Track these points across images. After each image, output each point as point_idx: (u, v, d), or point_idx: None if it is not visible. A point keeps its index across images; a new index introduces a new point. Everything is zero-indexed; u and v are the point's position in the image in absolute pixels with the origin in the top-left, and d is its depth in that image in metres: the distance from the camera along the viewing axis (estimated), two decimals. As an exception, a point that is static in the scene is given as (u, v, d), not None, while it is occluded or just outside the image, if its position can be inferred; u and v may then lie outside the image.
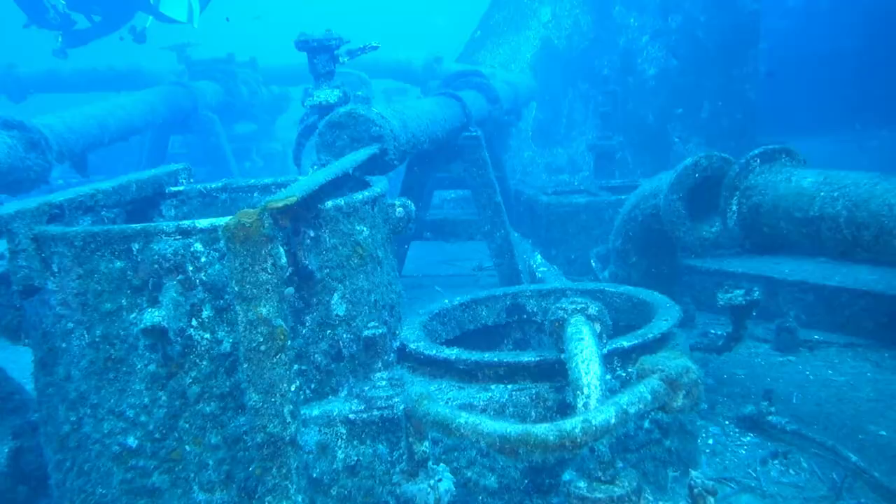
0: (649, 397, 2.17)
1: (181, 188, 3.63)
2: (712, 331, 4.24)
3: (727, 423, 3.50)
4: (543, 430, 2.03)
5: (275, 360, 2.36)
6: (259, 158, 12.57)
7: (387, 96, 12.94)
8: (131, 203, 3.36)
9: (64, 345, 2.63)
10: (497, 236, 5.28)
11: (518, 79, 9.18)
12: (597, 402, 2.33)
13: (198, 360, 2.61)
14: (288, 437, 2.42)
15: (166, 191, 3.59)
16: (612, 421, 2.07)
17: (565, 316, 2.65)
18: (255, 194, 3.70)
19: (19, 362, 3.37)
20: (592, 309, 2.65)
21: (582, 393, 2.38)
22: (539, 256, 5.47)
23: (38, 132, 4.84)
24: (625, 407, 2.11)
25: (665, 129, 10.12)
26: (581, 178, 9.78)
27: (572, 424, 2.03)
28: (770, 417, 3.33)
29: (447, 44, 11.84)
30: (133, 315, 2.55)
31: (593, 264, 5.29)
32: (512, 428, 2.07)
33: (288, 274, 2.60)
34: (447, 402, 2.77)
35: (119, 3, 8.97)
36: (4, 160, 4.43)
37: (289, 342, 2.37)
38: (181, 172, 3.68)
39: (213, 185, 3.68)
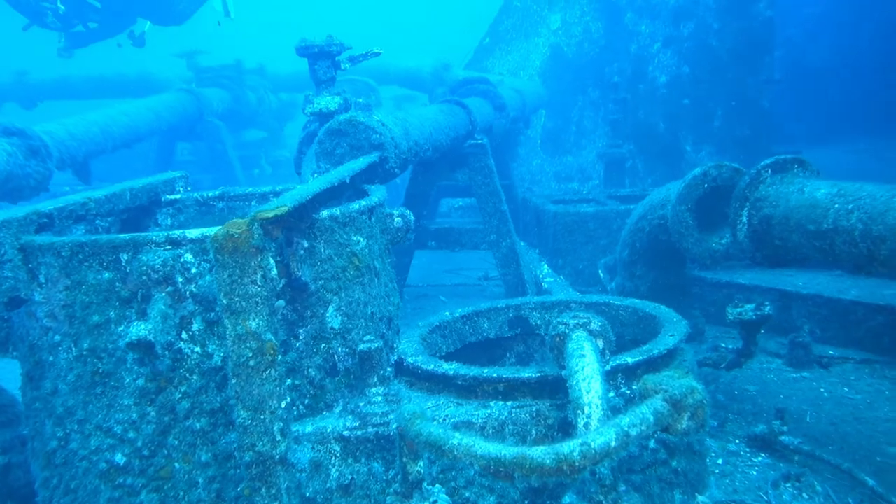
0: (652, 419, 2.07)
1: (178, 196, 3.57)
2: (723, 345, 4.12)
3: (738, 442, 3.37)
4: (540, 453, 1.93)
5: (264, 375, 2.30)
6: (268, 165, 12.56)
7: (396, 103, 12.92)
8: (126, 211, 3.31)
9: (51, 358, 2.57)
10: (503, 246, 5.18)
11: (526, 86, 9.09)
12: (598, 423, 2.23)
13: (188, 375, 2.55)
14: (278, 456, 2.35)
15: (162, 199, 3.53)
16: (613, 444, 1.97)
17: (567, 331, 2.55)
18: (253, 203, 3.63)
19: (16, 373, 3.31)
20: (595, 324, 2.55)
21: (583, 412, 2.28)
22: (546, 266, 5.37)
23: (39, 139, 4.80)
24: (626, 429, 2.01)
25: (677, 138, 10.01)
26: (591, 187, 9.68)
27: (570, 448, 1.93)
28: (782, 437, 3.20)
29: (457, 51, 11.78)
30: (121, 328, 2.49)
31: (601, 275, 5.18)
32: (507, 450, 1.97)
33: (281, 286, 2.53)
34: (444, 419, 2.68)
35: (116, 11, 9.00)
36: (3, 167, 4.40)
37: (279, 357, 2.31)
38: (178, 180, 3.62)
39: (210, 194, 3.61)
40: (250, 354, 2.27)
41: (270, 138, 12.75)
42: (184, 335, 2.52)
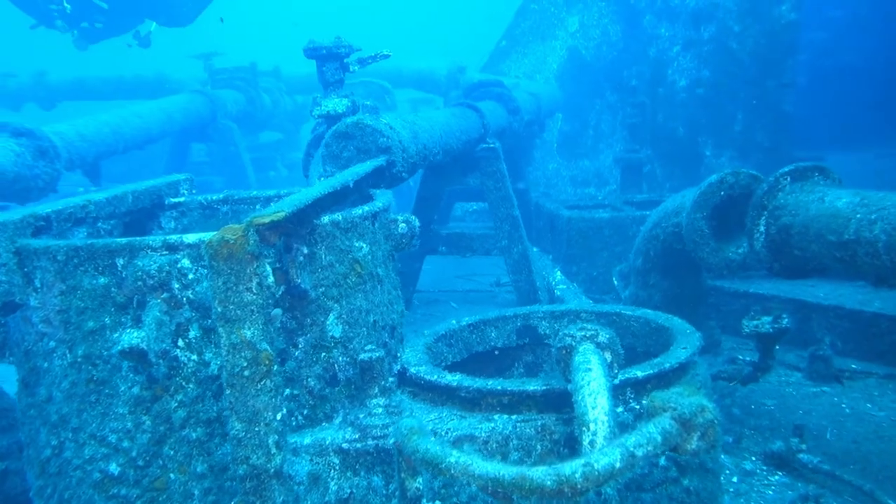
0: (659, 439, 1.97)
1: (181, 199, 3.53)
2: (740, 357, 4.00)
3: (754, 459, 3.25)
4: (540, 473, 1.84)
5: (259, 386, 2.23)
6: (283, 168, 12.55)
7: (413, 106, 12.85)
8: (128, 214, 3.27)
9: (45, 364, 2.53)
10: (514, 252, 5.09)
11: (542, 89, 8.98)
12: (604, 440, 2.13)
13: (184, 383, 2.49)
14: (273, 470, 2.29)
15: (166, 202, 3.48)
16: (617, 465, 1.87)
17: (573, 343, 2.45)
18: (258, 206, 3.58)
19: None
20: (603, 336, 2.45)
21: (588, 429, 2.18)
22: (559, 273, 5.27)
23: (48, 140, 4.80)
24: (631, 450, 1.91)
25: (696, 142, 9.83)
26: (607, 192, 9.55)
27: (572, 469, 1.84)
28: (801, 455, 3.08)
29: (473, 53, 11.70)
30: (116, 334, 2.44)
31: (616, 283, 5.07)
32: (506, 470, 1.88)
33: (280, 293, 2.47)
34: (447, 433, 2.60)
35: (121, 12, 9.06)
36: (11, 168, 4.40)
37: (275, 367, 2.24)
38: (183, 183, 3.58)
39: (214, 197, 3.57)
40: (245, 364, 2.21)
41: (286, 140, 12.74)
42: (180, 343, 2.47)
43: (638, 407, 2.66)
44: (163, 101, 8.31)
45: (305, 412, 2.64)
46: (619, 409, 2.61)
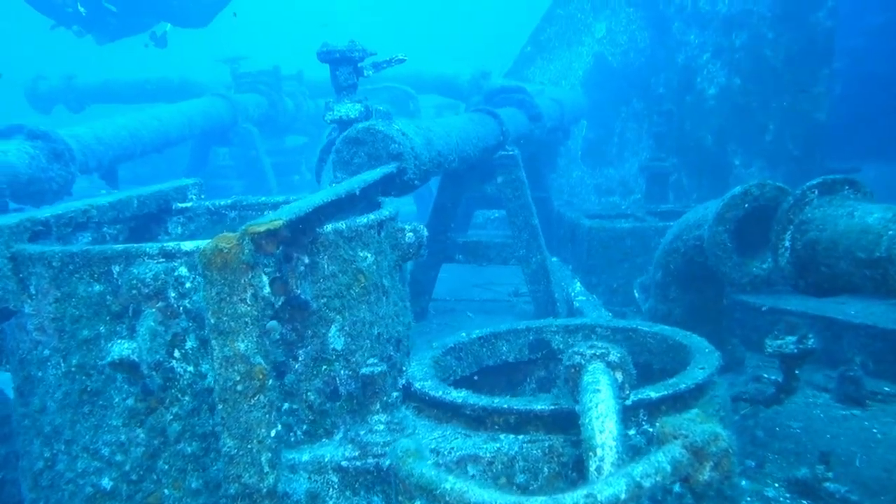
0: (668, 468, 1.84)
1: (189, 204, 3.48)
2: (765, 375, 3.82)
3: (777, 486, 3.08)
4: (539, 504, 1.73)
5: (252, 401, 2.15)
6: (308, 171, 12.55)
7: (438, 111, 12.77)
8: (134, 219, 3.22)
9: (40, 373, 2.48)
10: (533, 261, 4.96)
11: (566, 96, 8.84)
12: (611, 467, 2.00)
13: (180, 395, 2.43)
14: (265, 490, 2.20)
15: (173, 207, 3.43)
16: (622, 497, 1.75)
17: (582, 362, 2.32)
18: (266, 212, 3.51)
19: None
20: (614, 355, 2.32)
21: (594, 455, 2.05)
22: (578, 284, 5.13)
23: (63, 143, 4.80)
24: (638, 480, 1.79)
25: (725, 152, 9.59)
26: (632, 202, 9.35)
27: (573, 499, 1.73)
28: (827, 484, 2.90)
29: (499, 59, 11.58)
30: (111, 344, 2.37)
31: (637, 295, 4.92)
32: (503, 499, 1.78)
33: (279, 304, 2.39)
34: (450, 452, 2.49)
35: (132, 14, 9.14)
36: (25, 171, 4.40)
37: (269, 382, 2.16)
38: (191, 188, 3.53)
39: (222, 202, 3.51)
40: (238, 378, 2.13)
41: (310, 144, 12.75)
42: (176, 353, 2.41)
43: (651, 430, 2.52)
44: (182, 105, 8.34)
45: (305, 427, 2.56)
46: (632, 432, 2.49)
